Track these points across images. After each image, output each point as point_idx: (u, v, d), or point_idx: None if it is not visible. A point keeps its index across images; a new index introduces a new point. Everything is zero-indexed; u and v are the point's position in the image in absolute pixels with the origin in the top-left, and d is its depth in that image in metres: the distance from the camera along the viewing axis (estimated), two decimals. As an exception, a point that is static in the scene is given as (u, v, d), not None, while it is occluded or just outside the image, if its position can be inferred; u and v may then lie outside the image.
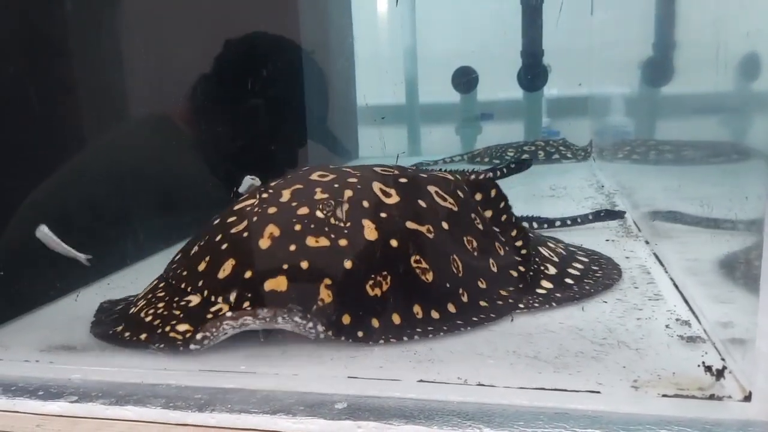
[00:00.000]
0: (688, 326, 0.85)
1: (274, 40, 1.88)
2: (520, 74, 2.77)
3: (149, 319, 0.87)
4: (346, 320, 0.81)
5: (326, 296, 0.82)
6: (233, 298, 0.82)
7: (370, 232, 0.89)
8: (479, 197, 1.10)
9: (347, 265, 0.85)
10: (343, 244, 0.87)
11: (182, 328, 0.83)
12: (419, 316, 0.85)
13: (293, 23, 1.99)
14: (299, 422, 0.67)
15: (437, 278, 0.89)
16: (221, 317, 0.79)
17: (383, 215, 0.93)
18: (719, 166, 1.10)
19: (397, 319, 0.84)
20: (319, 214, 0.89)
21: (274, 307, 0.79)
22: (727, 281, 0.87)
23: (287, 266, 0.83)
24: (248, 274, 0.84)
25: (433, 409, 0.67)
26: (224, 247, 0.89)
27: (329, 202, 0.91)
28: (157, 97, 1.50)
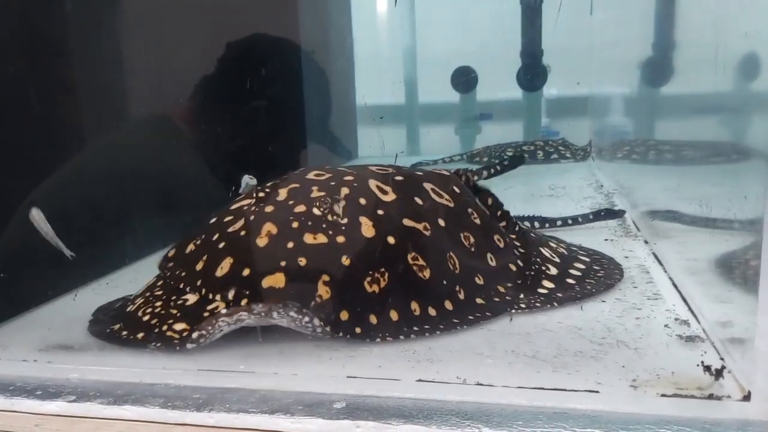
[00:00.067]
0: (687, 326, 0.85)
1: (275, 41, 1.88)
2: (519, 74, 2.77)
3: (146, 318, 0.87)
4: (344, 316, 0.81)
5: (324, 292, 0.82)
6: (231, 295, 0.82)
7: (367, 229, 0.90)
8: None
9: (345, 261, 0.85)
10: (340, 241, 0.87)
11: (179, 327, 0.83)
12: (417, 313, 0.85)
13: (293, 23, 1.99)
14: (298, 422, 0.67)
15: (434, 275, 0.89)
16: (216, 314, 0.79)
17: (380, 212, 0.93)
18: (719, 166, 1.10)
19: (394, 315, 0.84)
20: (316, 211, 0.89)
21: (269, 302, 0.78)
22: (723, 280, 0.88)
23: (285, 263, 0.83)
24: (246, 271, 0.84)
25: (431, 408, 0.67)
26: (222, 245, 0.89)
27: (326, 199, 0.91)
28: (157, 97, 1.50)
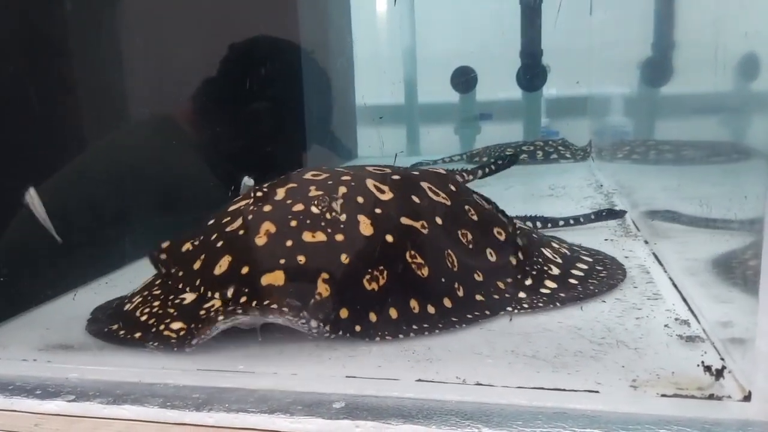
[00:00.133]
0: (687, 326, 0.85)
1: (277, 42, 1.88)
2: (519, 74, 2.77)
3: (144, 318, 0.87)
4: (343, 314, 0.81)
5: (324, 290, 0.81)
6: (231, 293, 0.82)
7: (365, 227, 0.90)
8: None
9: (344, 259, 0.85)
10: (339, 239, 0.87)
11: (176, 326, 0.83)
12: (416, 311, 0.85)
13: (293, 23, 1.99)
14: (297, 421, 0.67)
15: (433, 273, 0.89)
16: (213, 314, 0.79)
17: (378, 211, 0.93)
18: (719, 165, 1.10)
19: (394, 314, 0.84)
20: (314, 209, 0.89)
21: (266, 302, 0.79)
22: (723, 280, 0.87)
23: (284, 261, 0.83)
24: (245, 269, 0.84)
25: (431, 408, 0.67)
26: (220, 244, 0.89)
27: (324, 198, 0.91)
28: (157, 97, 1.50)
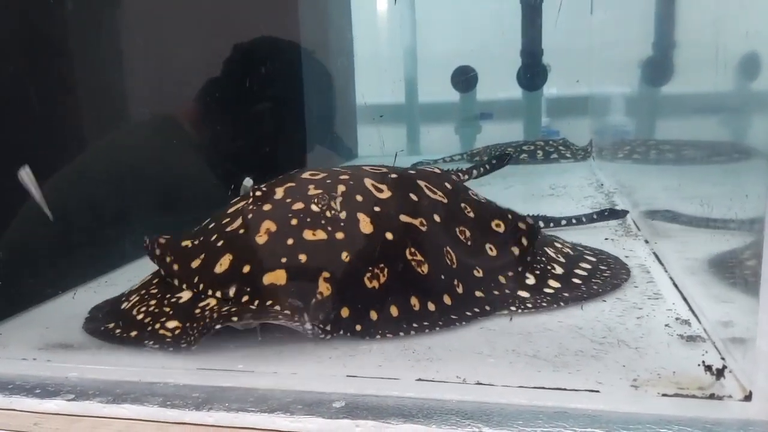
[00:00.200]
0: (688, 325, 0.85)
1: (282, 43, 1.88)
2: (519, 74, 2.77)
3: (140, 316, 0.87)
4: (345, 313, 0.81)
5: (325, 289, 0.81)
6: (233, 293, 0.82)
7: (365, 225, 0.90)
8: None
9: (345, 258, 0.85)
10: (339, 237, 0.87)
11: (171, 324, 0.83)
12: (416, 308, 0.85)
13: (293, 23, 1.99)
14: (297, 421, 0.66)
15: (432, 270, 0.89)
16: (207, 314, 0.79)
17: (377, 209, 0.93)
18: (720, 165, 1.10)
19: (394, 311, 0.84)
20: (314, 208, 0.89)
21: (268, 302, 0.79)
22: (724, 280, 0.87)
23: (286, 260, 0.83)
24: (246, 268, 0.84)
25: (431, 407, 0.67)
26: (220, 243, 0.89)
27: (324, 196, 0.91)
28: (157, 97, 1.50)
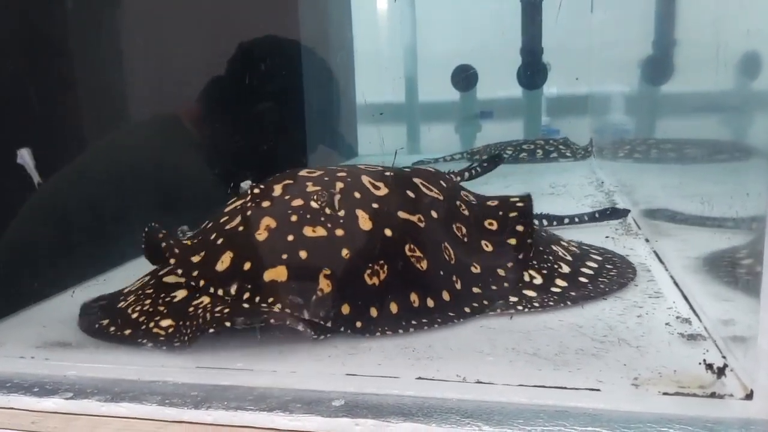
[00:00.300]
0: (688, 324, 0.85)
1: (285, 43, 1.88)
2: (519, 72, 2.77)
3: (135, 315, 0.87)
4: (345, 310, 0.81)
5: (325, 286, 0.81)
6: (234, 290, 0.82)
7: (364, 222, 0.90)
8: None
9: (345, 254, 0.85)
10: (339, 234, 0.87)
11: (165, 323, 0.83)
12: (416, 304, 0.85)
13: (293, 22, 1.98)
14: (296, 419, 0.66)
15: (431, 266, 0.89)
16: (201, 313, 0.79)
17: (375, 206, 0.93)
18: (720, 164, 1.10)
19: (394, 308, 0.84)
20: (313, 204, 0.90)
21: (269, 299, 0.79)
22: (724, 278, 0.87)
23: (286, 256, 0.83)
24: (247, 265, 0.83)
25: (431, 406, 0.67)
26: (220, 241, 0.89)
27: (323, 193, 0.91)
28: (157, 97, 1.50)
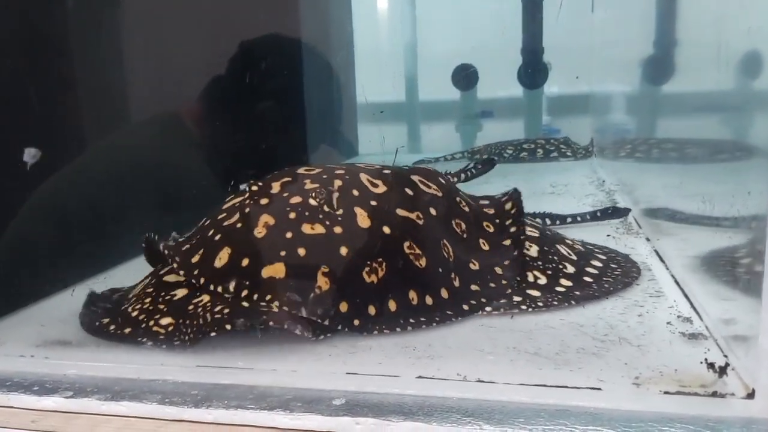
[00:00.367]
0: (689, 323, 0.84)
1: (286, 41, 1.88)
2: (520, 72, 2.77)
3: (135, 313, 0.87)
4: (343, 308, 0.81)
5: (324, 284, 0.81)
6: (232, 287, 0.82)
7: (363, 219, 0.90)
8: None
9: (343, 252, 0.85)
10: (338, 231, 0.87)
11: (165, 321, 0.83)
12: (414, 302, 0.85)
13: (294, 21, 1.98)
14: (297, 418, 0.66)
15: (430, 264, 0.89)
16: (201, 312, 0.79)
17: (374, 203, 0.93)
18: (721, 163, 1.10)
19: (393, 306, 0.83)
20: (312, 202, 0.89)
21: (267, 297, 0.79)
22: (725, 277, 0.87)
23: (285, 253, 0.83)
24: (245, 262, 0.83)
25: (432, 405, 0.66)
26: (218, 238, 0.89)
27: (321, 190, 0.91)
28: (157, 96, 1.50)
